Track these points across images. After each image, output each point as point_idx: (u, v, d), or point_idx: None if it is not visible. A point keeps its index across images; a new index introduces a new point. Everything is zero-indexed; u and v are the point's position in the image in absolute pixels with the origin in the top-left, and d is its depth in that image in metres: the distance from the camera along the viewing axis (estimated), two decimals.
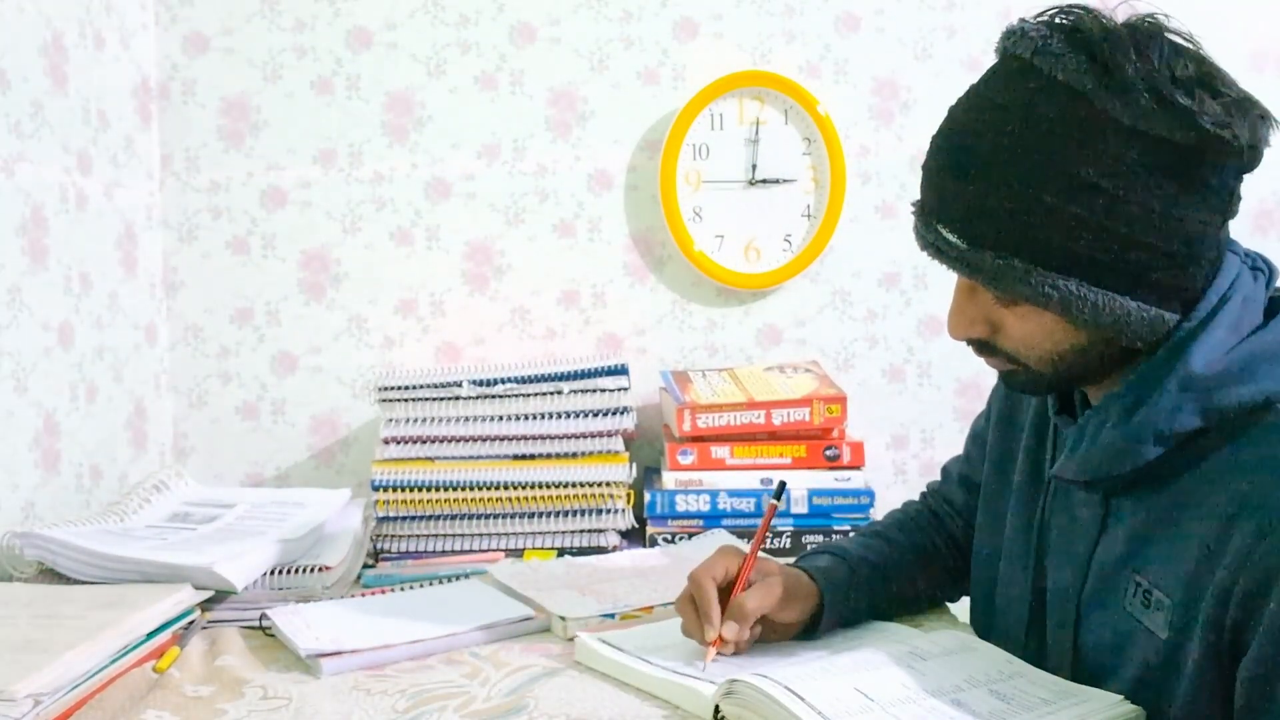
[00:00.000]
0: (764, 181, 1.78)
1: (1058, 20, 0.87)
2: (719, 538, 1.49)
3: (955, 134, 0.90)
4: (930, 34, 1.78)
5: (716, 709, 0.92)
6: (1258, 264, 0.94)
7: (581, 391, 1.55)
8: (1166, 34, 0.86)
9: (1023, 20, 0.89)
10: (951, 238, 0.90)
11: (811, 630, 1.08)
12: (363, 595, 1.29)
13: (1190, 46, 0.86)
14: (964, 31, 1.78)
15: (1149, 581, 0.89)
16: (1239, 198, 0.91)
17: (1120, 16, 0.87)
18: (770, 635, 1.06)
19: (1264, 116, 0.87)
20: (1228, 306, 0.88)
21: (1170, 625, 0.86)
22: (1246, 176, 0.90)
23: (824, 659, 0.99)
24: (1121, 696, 0.90)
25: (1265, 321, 0.89)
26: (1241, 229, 1.83)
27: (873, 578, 1.13)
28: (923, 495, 1.30)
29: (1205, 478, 0.86)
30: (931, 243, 0.92)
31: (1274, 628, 0.78)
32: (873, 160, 1.80)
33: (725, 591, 1.04)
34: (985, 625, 1.12)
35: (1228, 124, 0.83)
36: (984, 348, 0.97)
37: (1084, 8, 0.87)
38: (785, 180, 1.78)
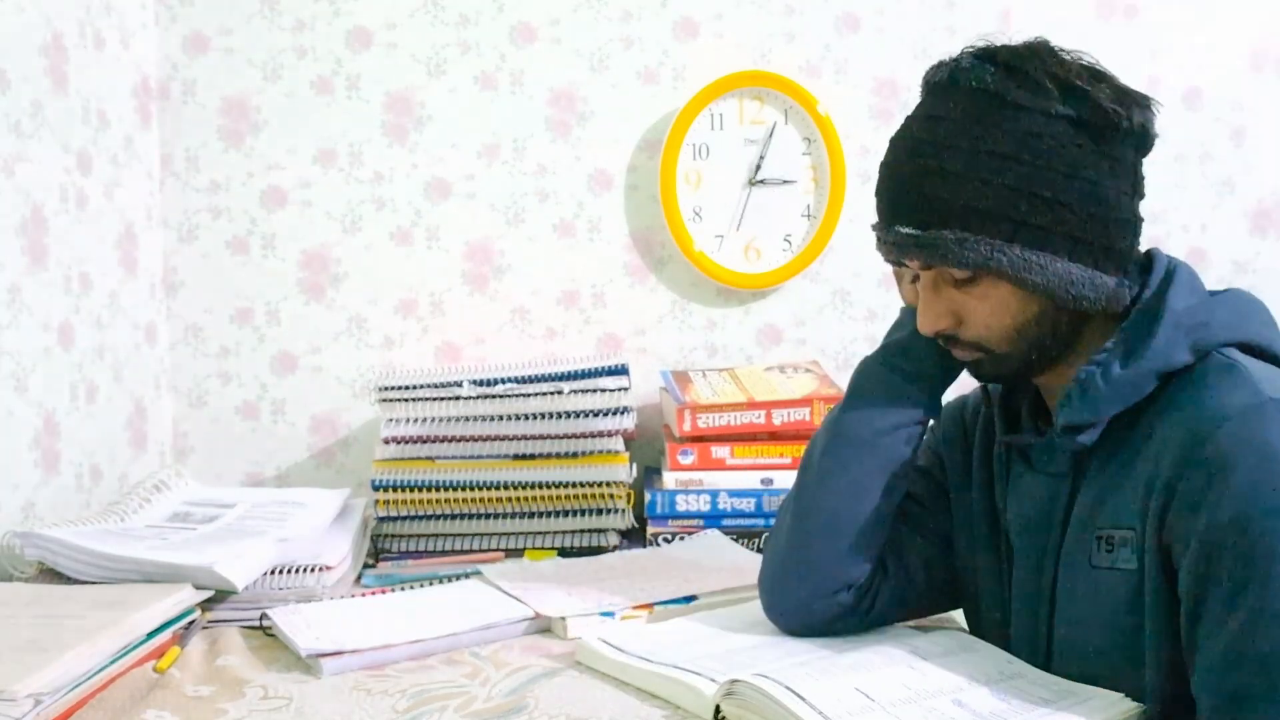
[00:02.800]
0: (764, 181, 1.78)
1: (967, 49, 1.02)
2: (711, 539, 1.49)
3: (897, 150, 1.05)
4: (930, 34, 1.78)
5: (717, 709, 0.92)
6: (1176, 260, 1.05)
7: (581, 391, 1.55)
8: (1057, 47, 1.00)
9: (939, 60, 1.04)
10: (909, 230, 1.00)
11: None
12: (363, 595, 1.29)
13: (1081, 55, 1.00)
14: (964, 31, 1.77)
15: (1108, 528, 0.96)
16: (1143, 178, 1.01)
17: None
18: None
19: (1148, 106, 0.99)
20: (1179, 271, 1.00)
21: (1136, 555, 0.93)
22: (1243, 175, 0.96)
23: (825, 659, 0.99)
24: (1122, 695, 0.91)
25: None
26: (1241, 229, 1.85)
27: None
28: None
29: (1151, 423, 0.95)
30: (893, 242, 1.02)
31: (1202, 544, 0.87)
32: (873, 160, 1.77)
33: None
34: (973, 617, 1.14)
35: (1121, 103, 0.96)
36: (952, 340, 1.04)
37: (989, 41, 1.02)
38: (785, 180, 1.78)
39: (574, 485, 1.51)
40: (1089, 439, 0.97)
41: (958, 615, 1.20)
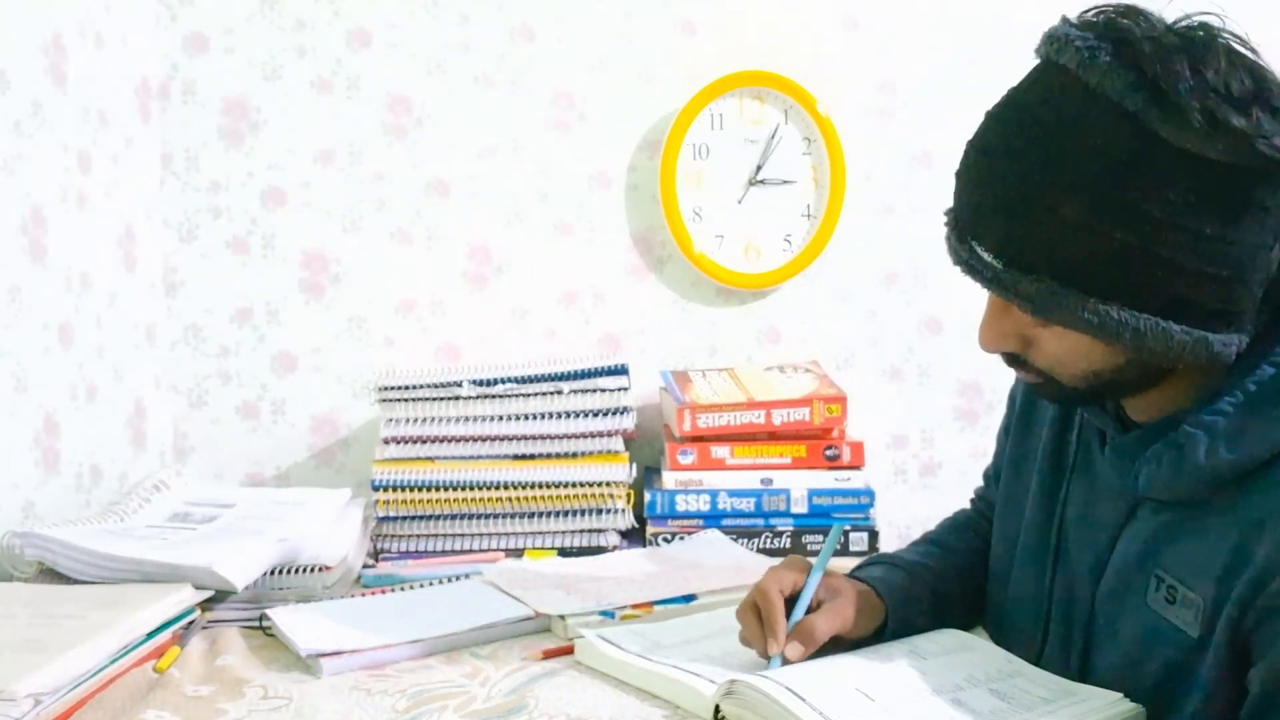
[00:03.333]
0: (764, 181, 1.78)
1: (1104, 26, 0.83)
2: (711, 538, 1.49)
3: (993, 148, 0.87)
4: (930, 34, 1.78)
5: (717, 709, 0.92)
6: None
7: (581, 391, 1.55)
8: (1220, 40, 0.81)
9: (1066, 22, 0.85)
10: (987, 257, 0.86)
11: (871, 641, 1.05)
12: (363, 595, 1.29)
13: (1247, 54, 0.81)
14: (964, 31, 1.77)
15: (1173, 578, 0.87)
16: None
17: (1170, 16, 0.83)
18: (829, 649, 1.01)
19: None
20: None
21: (1201, 623, 0.85)
22: None
23: (824, 659, 0.99)
24: (1120, 695, 0.90)
25: None
26: None
27: (934, 584, 1.10)
28: (971, 501, 1.27)
29: (1255, 479, 0.84)
30: (965, 259, 0.89)
31: None
32: (873, 160, 1.80)
33: (788, 603, 1.00)
34: (996, 624, 1.11)
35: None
36: (1015, 360, 0.94)
37: (1132, 9, 0.83)
38: (785, 180, 1.78)
39: (574, 485, 1.51)
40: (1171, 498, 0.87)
41: None
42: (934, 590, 1.09)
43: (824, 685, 0.90)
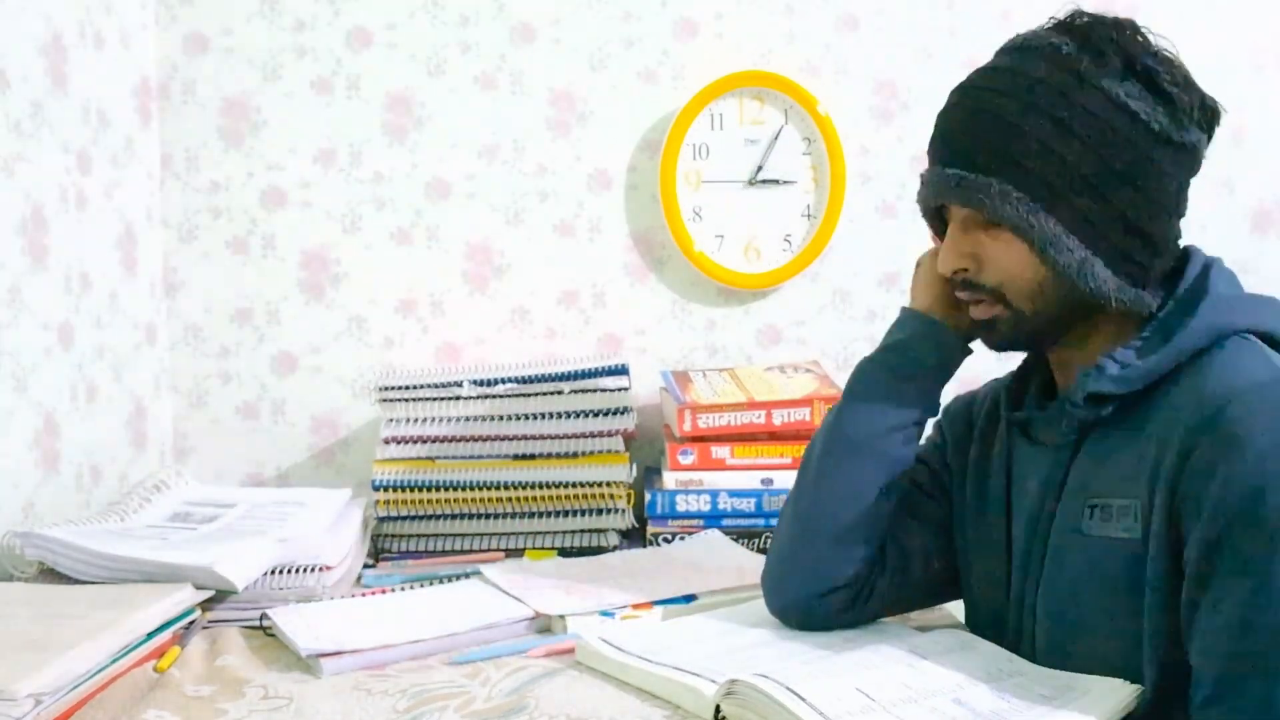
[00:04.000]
0: (764, 181, 1.78)
1: (1050, 19, 1.01)
2: (711, 539, 1.49)
3: (960, 93, 1.03)
4: (930, 34, 1.78)
5: (717, 709, 0.92)
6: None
7: (581, 391, 1.55)
8: (1141, 27, 0.98)
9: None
10: (956, 172, 0.99)
11: None
12: (363, 595, 1.29)
13: (1162, 43, 0.98)
14: (964, 31, 1.78)
15: (1104, 498, 0.96)
16: (1186, 199, 1.00)
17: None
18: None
19: (1209, 124, 0.98)
20: (1217, 265, 1.00)
21: (1139, 522, 0.92)
22: (1243, 175, 0.99)
23: (825, 659, 1.00)
24: (1121, 680, 0.91)
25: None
26: (1241, 229, 1.85)
27: None
28: None
29: (1162, 396, 0.94)
30: (937, 183, 1.01)
31: (1214, 511, 0.86)
32: (873, 160, 1.80)
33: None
34: (972, 621, 1.14)
35: (1189, 114, 0.95)
36: (968, 285, 1.03)
37: (1079, 11, 1.00)
38: (785, 180, 1.78)
39: (574, 485, 1.51)
40: (1104, 410, 0.97)
41: (957, 612, 1.20)
42: None
43: (824, 685, 0.90)
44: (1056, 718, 0.88)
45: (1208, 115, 0.97)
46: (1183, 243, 1.02)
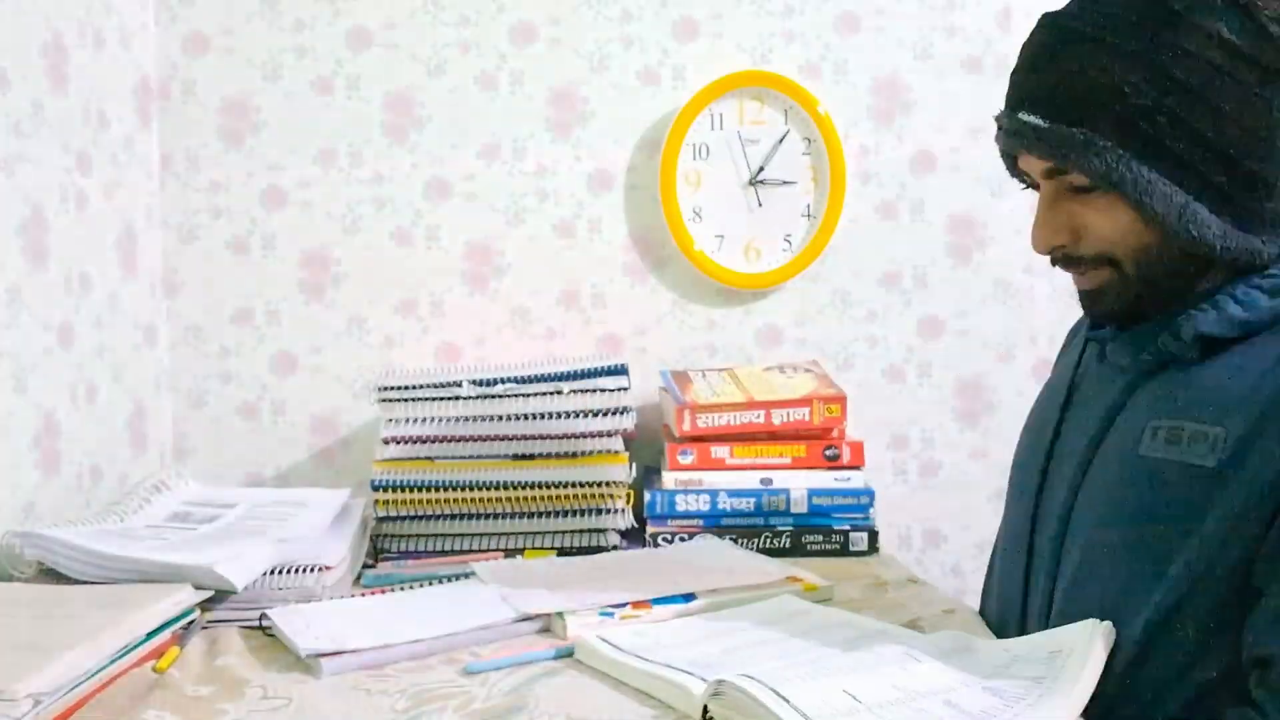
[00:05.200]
0: (764, 181, 1.78)
1: None
2: (709, 542, 1.49)
3: (1044, 29, 0.95)
4: (930, 34, 1.78)
5: (705, 709, 0.92)
6: None
7: (581, 391, 1.55)
8: None
9: None
10: (1035, 119, 0.93)
11: None
12: (363, 595, 1.29)
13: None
14: (964, 31, 1.77)
15: (1177, 421, 0.90)
16: None
17: None
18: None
19: None
20: None
21: (1221, 452, 0.87)
22: None
23: (819, 660, 0.99)
24: (1095, 620, 0.91)
25: None
26: None
27: None
28: None
29: (1267, 343, 0.90)
30: (1015, 131, 0.95)
31: None
32: (873, 160, 1.80)
33: None
34: (990, 571, 1.15)
35: None
36: (1069, 260, 0.98)
37: None
38: (785, 180, 1.78)
39: (573, 485, 1.51)
40: (1195, 350, 0.92)
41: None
42: None
43: (811, 686, 0.89)
44: (1042, 708, 0.87)
45: None
46: None
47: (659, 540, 1.52)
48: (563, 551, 1.50)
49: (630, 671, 1.03)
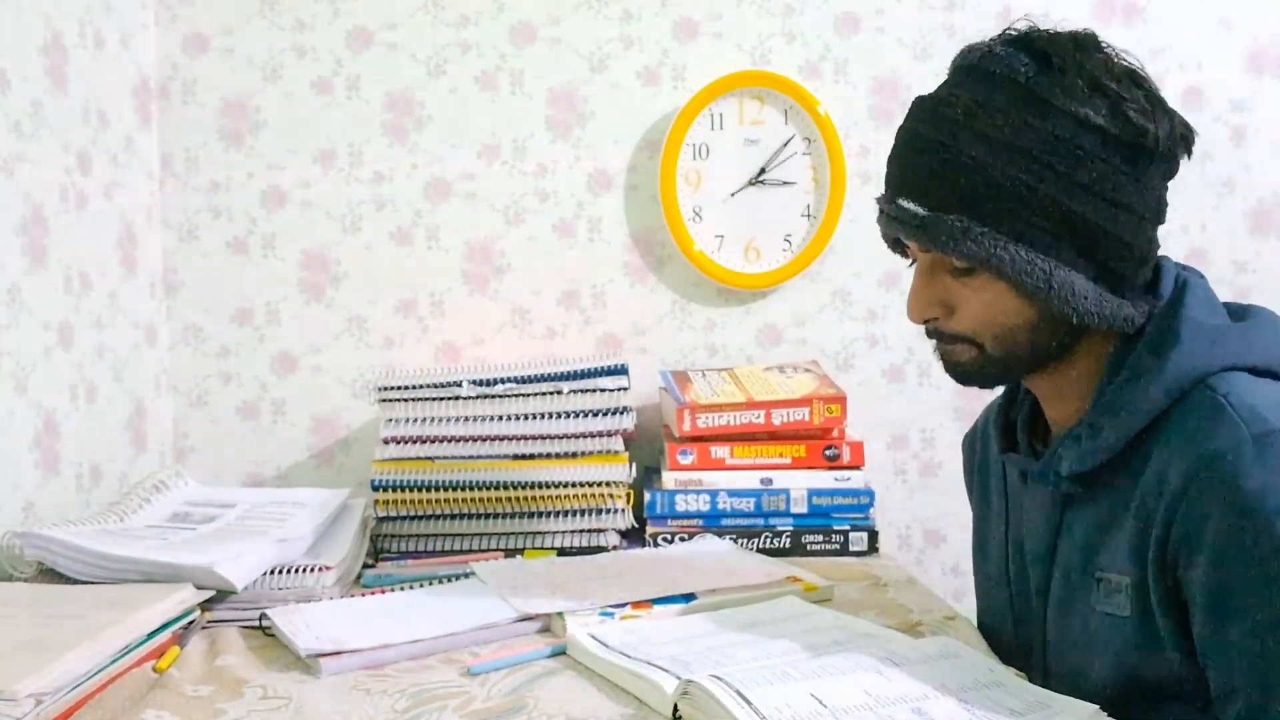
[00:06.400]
0: (764, 181, 1.78)
1: (1006, 31, 0.99)
2: (709, 542, 1.49)
3: (918, 116, 1.00)
4: (930, 34, 1.78)
5: (675, 708, 0.92)
6: (1186, 269, 1.03)
7: (581, 391, 1.55)
8: (1101, 40, 0.97)
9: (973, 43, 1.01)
10: (912, 206, 0.97)
11: None
12: (363, 595, 1.29)
13: (1124, 56, 0.97)
14: (964, 31, 1.77)
15: (1104, 571, 0.97)
16: (1166, 204, 0.98)
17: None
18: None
19: (1184, 135, 0.96)
20: (1190, 287, 0.97)
21: (1131, 601, 0.94)
22: (1243, 175, 0.99)
23: (796, 663, 0.96)
24: (1096, 708, 0.89)
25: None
26: (1241, 229, 1.85)
27: None
28: None
29: (1143, 459, 0.94)
30: (894, 216, 1.00)
31: (1214, 553, 0.87)
32: (873, 160, 1.80)
33: None
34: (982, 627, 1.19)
35: (1153, 119, 0.93)
36: (939, 335, 1.03)
37: (1032, 26, 0.99)
38: (785, 180, 1.78)
39: (573, 485, 1.51)
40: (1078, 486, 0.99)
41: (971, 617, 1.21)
42: None
43: (776, 689, 0.89)
44: None
45: (1177, 129, 0.96)
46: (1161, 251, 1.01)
47: (659, 540, 1.52)
48: (563, 551, 1.50)
49: (613, 669, 1.03)
